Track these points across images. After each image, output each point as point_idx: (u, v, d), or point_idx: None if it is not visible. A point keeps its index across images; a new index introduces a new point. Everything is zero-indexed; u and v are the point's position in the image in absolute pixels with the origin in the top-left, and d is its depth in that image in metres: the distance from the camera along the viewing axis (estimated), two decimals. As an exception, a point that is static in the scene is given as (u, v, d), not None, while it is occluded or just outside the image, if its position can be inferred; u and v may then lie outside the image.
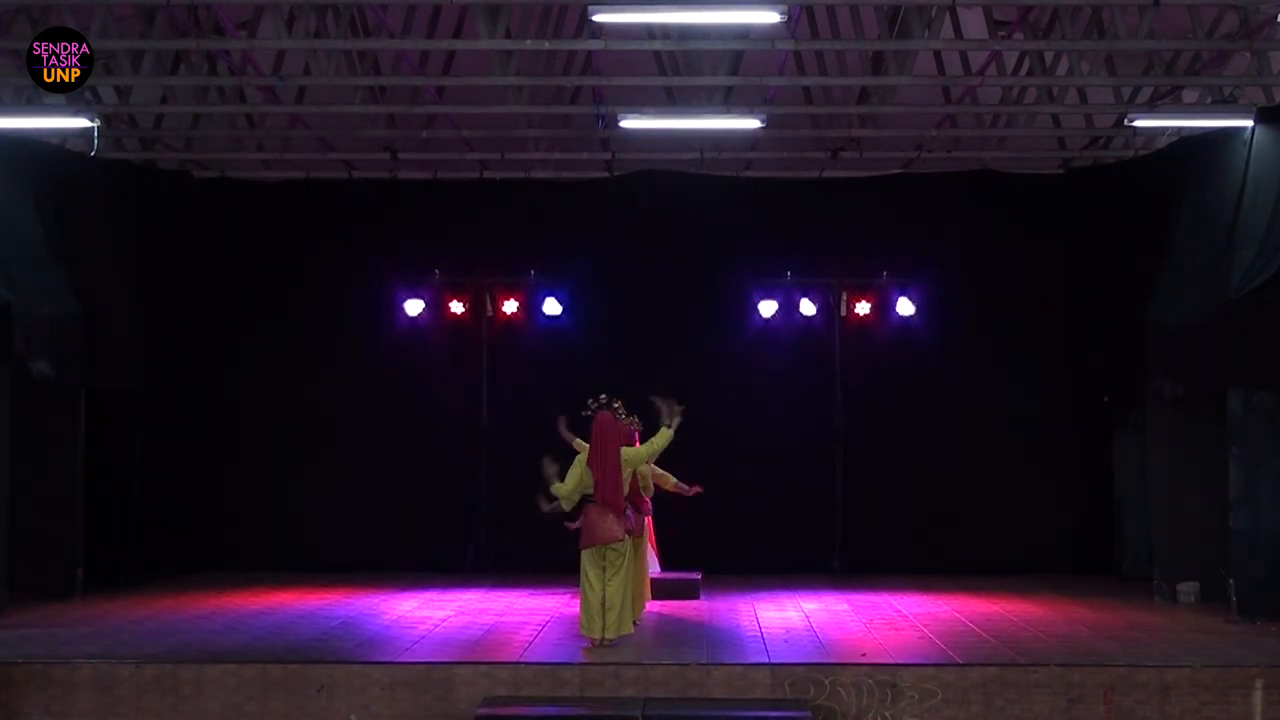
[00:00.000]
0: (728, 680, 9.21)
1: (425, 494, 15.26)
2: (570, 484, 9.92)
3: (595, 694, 9.11)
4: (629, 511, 10.09)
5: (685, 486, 11.89)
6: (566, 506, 9.88)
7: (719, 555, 14.65)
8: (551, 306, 15.23)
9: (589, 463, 9.93)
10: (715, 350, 15.22)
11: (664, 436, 10.05)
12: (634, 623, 10.51)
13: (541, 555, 14.07)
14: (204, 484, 15.27)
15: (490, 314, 15.22)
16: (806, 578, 14.46)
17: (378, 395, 15.35)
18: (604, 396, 10.23)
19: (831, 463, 15.14)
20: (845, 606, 12.44)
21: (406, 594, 13.29)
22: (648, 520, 11.79)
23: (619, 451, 10.03)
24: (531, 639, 10.50)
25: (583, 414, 10.19)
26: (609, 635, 10.07)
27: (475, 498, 15.02)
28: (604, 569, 10.03)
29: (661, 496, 12.15)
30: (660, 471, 11.72)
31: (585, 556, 10.12)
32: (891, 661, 9.53)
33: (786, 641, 10.41)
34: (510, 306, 15.25)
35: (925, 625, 11.29)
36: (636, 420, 10.83)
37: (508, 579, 14.29)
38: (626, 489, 10.01)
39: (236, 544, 15.18)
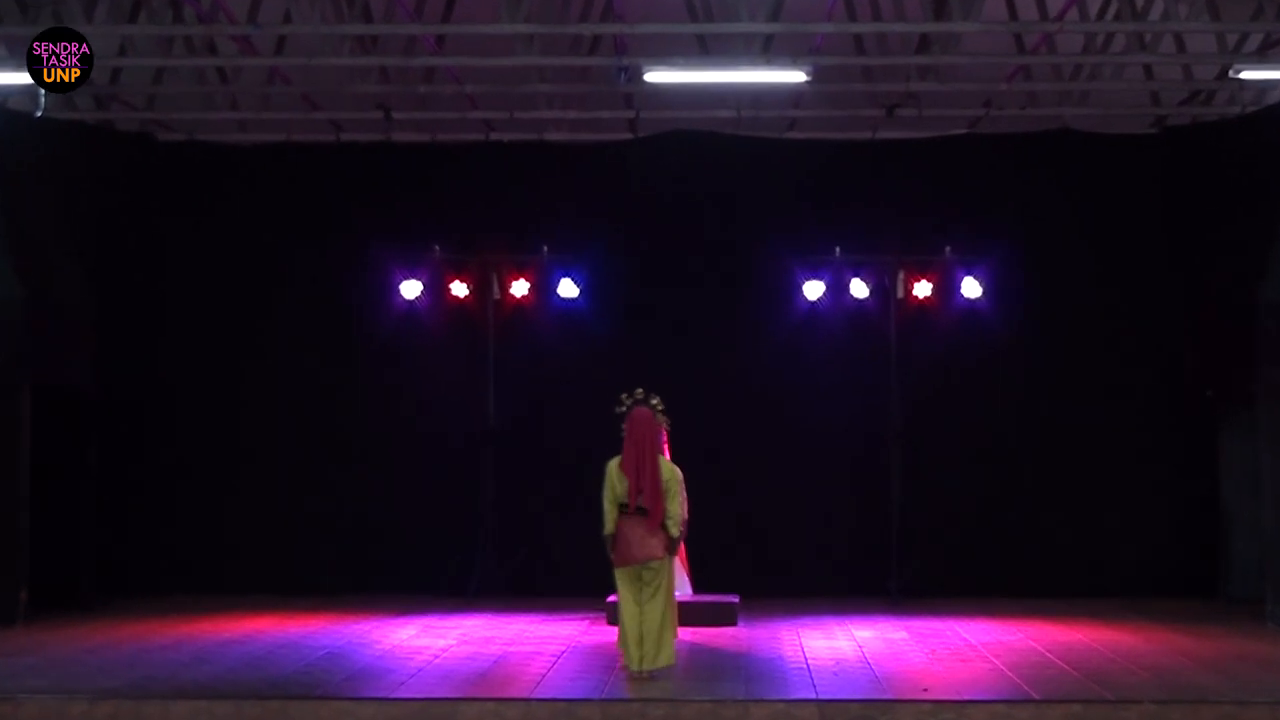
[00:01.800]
0: (768, 718, 9.10)
1: (423, 504, 15.09)
2: (608, 502, 9.91)
3: (620, 737, 8.88)
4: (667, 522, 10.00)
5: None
6: (610, 529, 9.89)
7: (759, 576, 14.64)
8: (567, 288, 15.01)
9: (623, 466, 9.86)
10: (754, 338, 15.08)
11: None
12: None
13: (558, 575, 14.37)
14: (169, 495, 15.16)
15: (497, 296, 15.01)
16: (859, 601, 14.30)
17: (369, 391, 15.23)
18: (640, 391, 10.23)
19: (887, 468, 14.88)
20: (903, 634, 12.32)
21: (402, 620, 13.21)
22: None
23: (658, 454, 9.98)
24: (545, 672, 10.41)
25: (617, 410, 10.18)
26: (645, 668, 10.04)
27: (481, 508, 14.84)
28: (641, 590, 10.04)
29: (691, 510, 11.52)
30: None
31: (620, 577, 10.09)
32: (958, 698, 9.40)
33: (836, 675, 10.33)
34: (520, 288, 15.04)
35: (996, 656, 11.18)
36: (668, 421, 10.74)
37: (519, 603, 14.15)
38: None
39: (208, 563, 15.08)
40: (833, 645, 11.66)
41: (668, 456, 10.78)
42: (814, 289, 14.90)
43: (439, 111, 14.87)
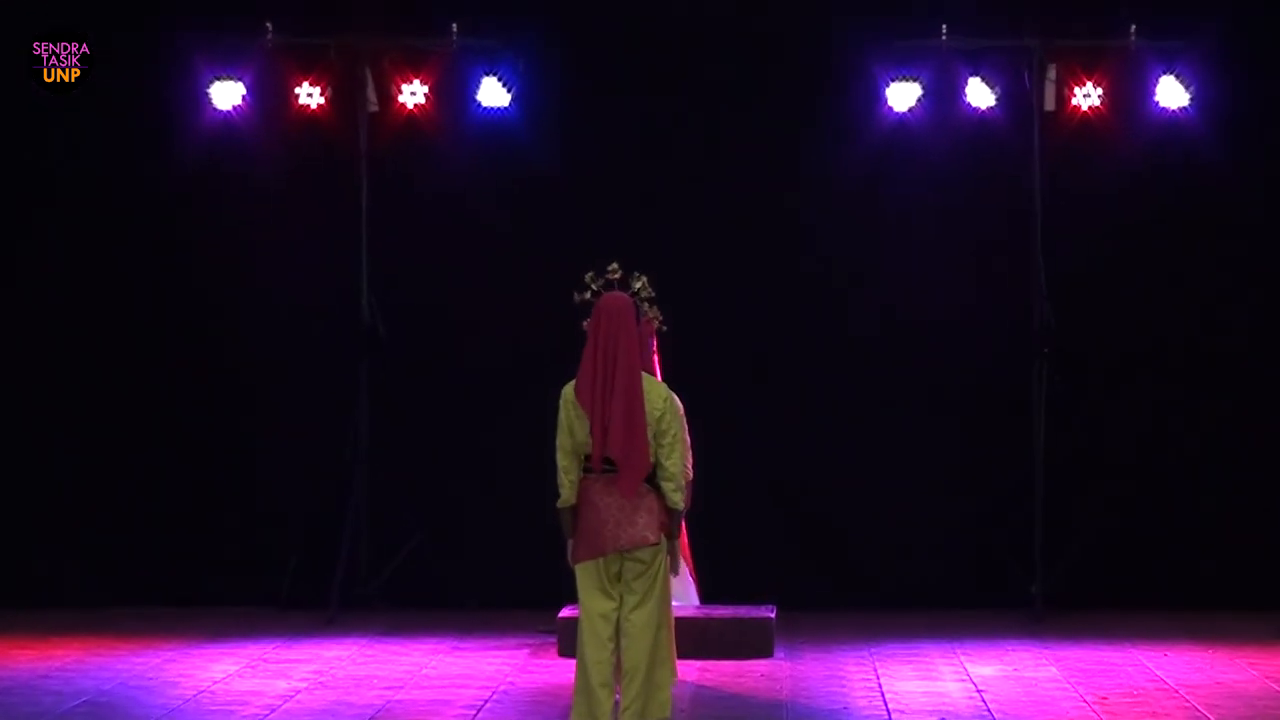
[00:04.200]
0: None
1: (248, 460, 14.32)
2: (563, 454, 9.41)
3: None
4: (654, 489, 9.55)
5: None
6: (566, 498, 9.41)
7: (812, 576, 13.93)
8: (491, 92, 13.96)
9: (581, 388, 9.29)
10: (801, 180, 14.06)
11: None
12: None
13: (480, 575, 13.86)
14: None
15: (374, 108, 14.04)
16: (978, 618, 13.49)
17: (162, 270, 14.30)
18: (614, 267, 9.67)
19: (1025, 405, 13.91)
20: (1053, 670, 11.63)
21: (216, 648, 12.47)
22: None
23: (640, 371, 9.44)
24: None
25: (577, 298, 9.63)
26: None
27: (349, 465, 13.85)
28: (619, 599, 9.50)
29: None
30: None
31: (584, 579, 9.52)
32: None
33: None
34: (413, 93, 14.06)
35: (1208, 705, 10.39)
36: (661, 319, 10.63)
37: (414, 621, 13.43)
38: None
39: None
40: (934, 689, 11.12)
41: (659, 375, 10.64)
42: (905, 93, 14.00)
43: None
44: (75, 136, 14.23)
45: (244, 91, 13.93)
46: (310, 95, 13.99)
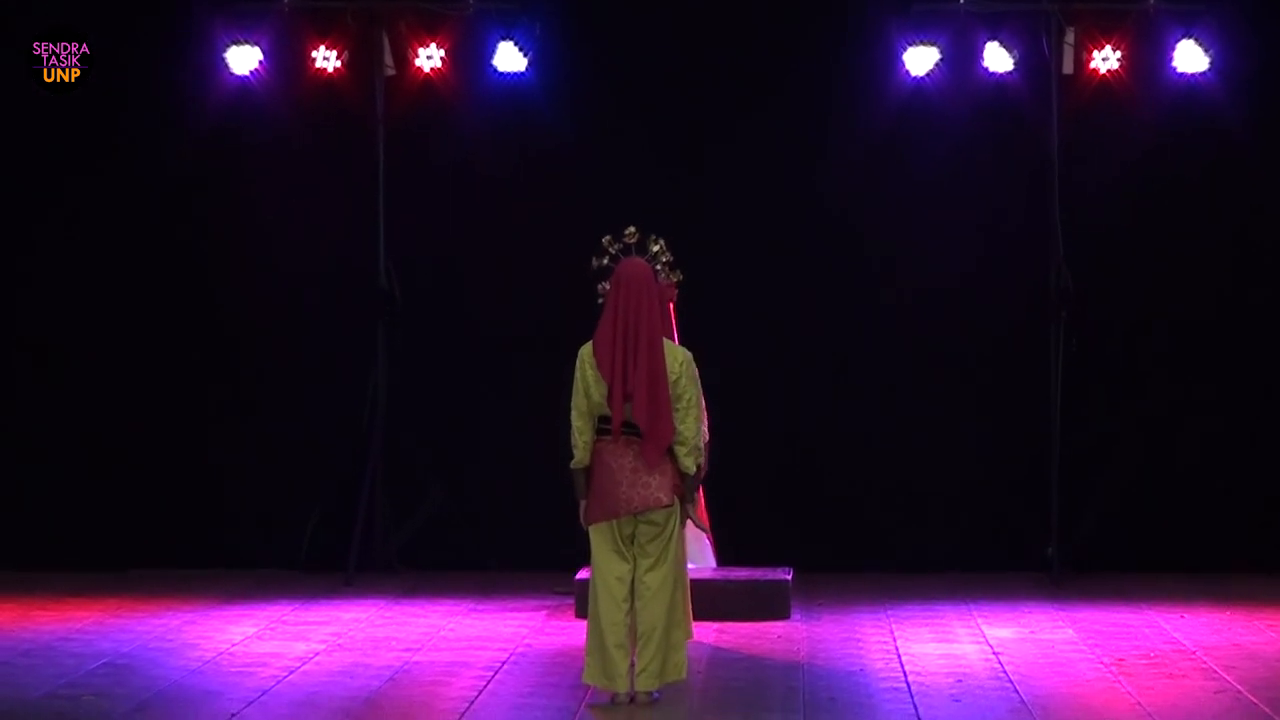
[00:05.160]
0: None
1: (268, 421, 14.27)
2: (578, 415, 9.55)
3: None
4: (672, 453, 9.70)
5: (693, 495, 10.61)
6: (580, 459, 9.55)
7: (828, 538, 13.93)
8: (507, 57, 13.95)
9: (600, 356, 9.42)
10: (817, 144, 14.12)
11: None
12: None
13: (496, 537, 13.91)
14: None
15: (391, 71, 14.08)
16: (994, 580, 13.52)
17: (180, 235, 14.29)
18: (632, 231, 9.82)
19: (1044, 364, 13.89)
20: (1069, 632, 11.67)
21: (236, 611, 12.50)
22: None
23: (660, 335, 9.59)
24: (473, 696, 9.78)
25: (594, 263, 9.90)
26: (645, 686, 9.48)
27: (367, 427, 13.94)
28: (633, 561, 9.58)
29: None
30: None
31: (598, 540, 9.62)
32: None
33: (957, 700, 9.76)
34: (429, 57, 14.05)
35: (1225, 667, 10.45)
36: (678, 281, 10.68)
37: (431, 583, 13.47)
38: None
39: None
40: (951, 651, 11.17)
41: (676, 339, 10.58)
42: (923, 57, 13.99)
43: None
44: (94, 102, 14.16)
45: (260, 56, 13.93)
46: (327, 59, 14.00)
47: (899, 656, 10.82)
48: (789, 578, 12.24)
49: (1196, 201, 14.12)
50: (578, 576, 11.43)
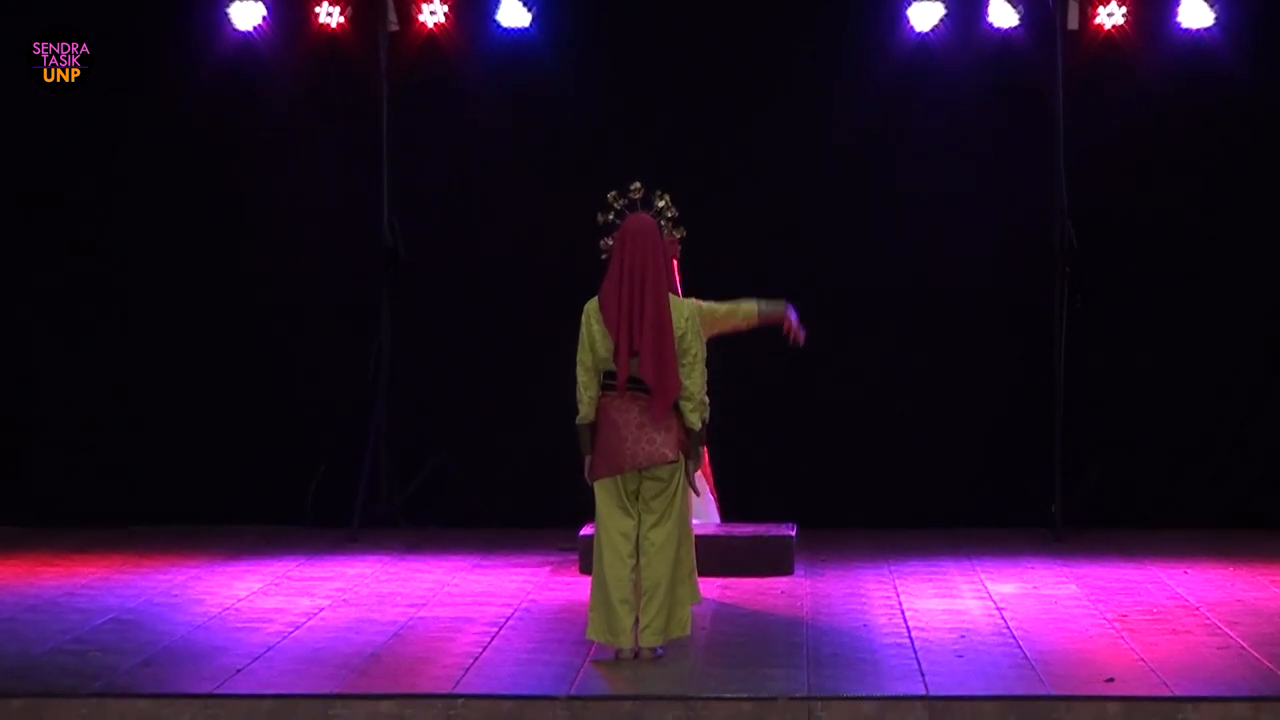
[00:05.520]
0: None
1: (274, 382, 14.33)
2: (583, 370, 9.59)
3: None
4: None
5: (784, 318, 11.38)
6: (585, 415, 9.61)
7: (832, 495, 14.01)
8: (511, 11, 14.00)
9: (606, 311, 9.49)
10: (825, 98, 14.09)
11: (743, 312, 10.60)
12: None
13: (502, 493, 13.98)
14: None
15: (395, 27, 14.10)
16: (997, 536, 13.56)
17: (182, 191, 14.27)
18: (638, 186, 9.84)
19: (1046, 321, 13.94)
20: (1072, 587, 11.71)
21: (241, 566, 12.54)
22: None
23: (665, 290, 9.62)
24: (478, 652, 9.79)
25: (600, 219, 9.94)
26: (649, 642, 9.50)
27: (372, 384, 14.00)
28: (637, 517, 9.63)
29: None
30: (711, 306, 11.16)
31: (602, 496, 9.67)
32: (1166, 693, 8.79)
33: (960, 656, 9.74)
34: (433, 12, 14.09)
35: (1229, 623, 10.49)
36: (682, 237, 10.68)
37: (436, 539, 13.51)
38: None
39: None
40: (954, 606, 11.22)
41: (680, 295, 10.47)
42: (927, 12, 14.02)
43: None
44: (94, 58, 13.94)
45: (264, 11, 13.92)
46: (330, 15, 14.00)
47: (902, 611, 10.89)
48: (793, 533, 12.31)
49: (1201, 157, 14.07)
50: (582, 533, 11.53)
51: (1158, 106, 14.13)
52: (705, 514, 11.90)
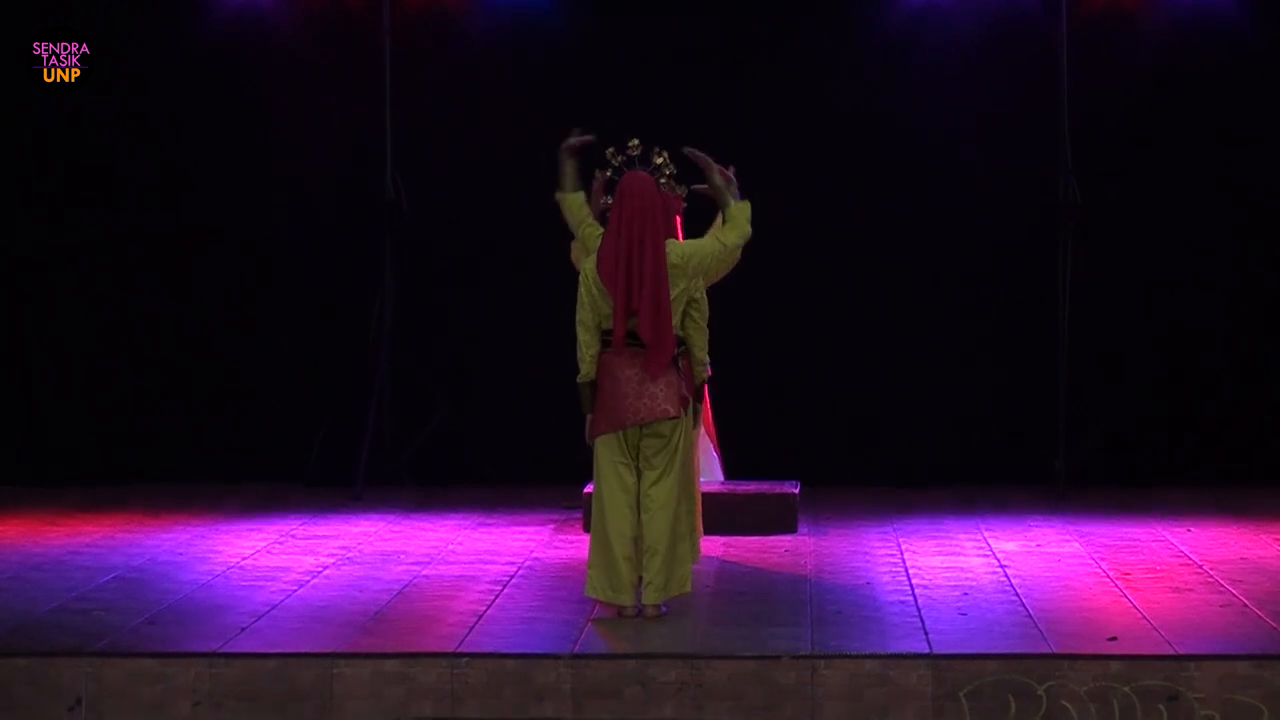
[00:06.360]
0: (849, 685, 8.71)
1: (277, 340, 14.33)
2: (583, 328, 9.68)
3: (603, 715, 8.79)
4: (680, 363, 9.79)
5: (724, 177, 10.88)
6: (587, 373, 9.70)
7: (836, 452, 14.05)
8: None
9: (603, 268, 9.55)
10: (829, 55, 14.11)
11: (742, 217, 10.00)
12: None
13: (504, 451, 14.07)
14: None
15: None
16: (1001, 494, 13.61)
17: (185, 150, 14.25)
18: (636, 143, 9.88)
19: (1050, 279, 13.90)
20: (1075, 545, 11.78)
21: (245, 525, 12.67)
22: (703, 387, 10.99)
23: (663, 244, 9.67)
24: (481, 610, 9.90)
25: (599, 175, 10.09)
26: (651, 599, 9.61)
27: (374, 339, 14.00)
28: (638, 473, 9.68)
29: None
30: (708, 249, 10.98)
31: (602, 453, 9.70)
32: (1168, 651, 8.83)
33: (963, 614, 9.81)
34: None
35: (1231, 580, 10.56)
36: (685, 190, 10.75)
37: (439, 498, 13.63)
38: (678, 318, 9.84)
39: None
40: (957, 564, 11.29)
41: None
42: None
43: None
44: (95, 18, 14.05)
45: (267, -30, 13.83)
46: (334, -28, 13.80)
47: (905, 569, 10.97)
48: (796, 491, 12.36)
49: (1208, 112, 13.99)
50: (585, 490, 11.47)
51: (1164, 60, 14.00)
52: (709, 472, 12.01)
